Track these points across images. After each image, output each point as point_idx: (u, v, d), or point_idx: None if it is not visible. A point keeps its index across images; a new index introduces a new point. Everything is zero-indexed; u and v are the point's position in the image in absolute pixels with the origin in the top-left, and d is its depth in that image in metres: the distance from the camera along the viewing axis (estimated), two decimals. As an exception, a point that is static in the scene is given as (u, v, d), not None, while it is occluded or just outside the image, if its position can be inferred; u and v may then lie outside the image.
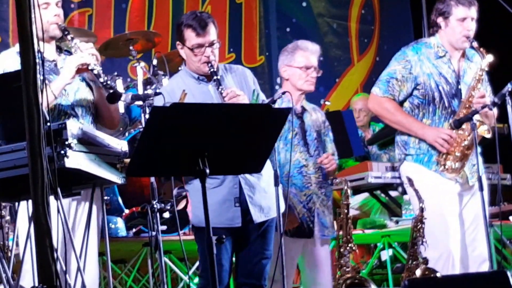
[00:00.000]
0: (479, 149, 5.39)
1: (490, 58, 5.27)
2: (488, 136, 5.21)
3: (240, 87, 4.72)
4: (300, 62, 5.39)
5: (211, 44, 4.67)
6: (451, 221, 5.20)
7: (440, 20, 5.34)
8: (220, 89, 4.57)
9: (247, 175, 4.64)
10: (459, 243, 5.21)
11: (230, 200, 4.60)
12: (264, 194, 4.70)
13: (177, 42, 4.79)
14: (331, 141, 5.54)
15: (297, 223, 5.24)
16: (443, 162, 5.24)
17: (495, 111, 5.29)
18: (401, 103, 5.36)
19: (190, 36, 4.67)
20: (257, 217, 4.65)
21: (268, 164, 4.75)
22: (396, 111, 5.32)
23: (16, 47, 4.55)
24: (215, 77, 4.62)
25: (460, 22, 5.27)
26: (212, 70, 4.63)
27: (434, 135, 5.21)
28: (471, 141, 5.19)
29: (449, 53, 5.34)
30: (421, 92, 5.30)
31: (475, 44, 5.26)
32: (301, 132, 5.36)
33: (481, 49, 5.27)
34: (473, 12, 5.29)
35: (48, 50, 4.53)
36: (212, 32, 4.68)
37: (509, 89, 5.16)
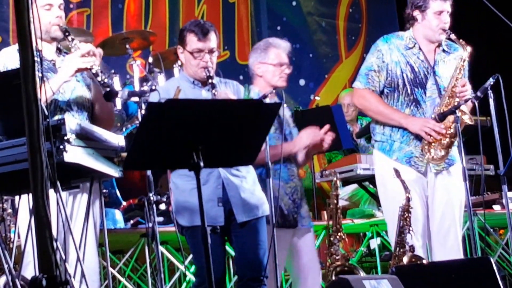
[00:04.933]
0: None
1: (469, 49, 5.34)
2: (472, 123, 5.25)
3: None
4: (274, 59, 5.36)
5: (211, 51, 4.79)
6: (415, 209, 5.24)
7: (416, 13, 5.41)
8: (214, 91, 4.66)
9: (230, 177, 4.72)
10: (425, 230, 5.29)
11: (214, 200, 4.68)
12: (250, 195, 4.78)
13: (178, 47, 4.91)
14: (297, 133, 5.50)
15: None
16: (427, 150, 5.30)
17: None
18: (381, 93, 5.42)
19: (192, 41, 4.80)
20: (241, 217, 4.73)
21: (251, 169, 4.87)
22: (377, 103, 5.39)
23: (17, 45, 4.69)
24: (210, 81, 4.71)
25: (437, 15, 5.35)
26: (208, 74, 4.73)
27: (420, 124, 5.26)
28: (455, 129, 5.22)
29: (419, 45, 5.39)
30: (388, 81, 5.38)
31: (453, 36, 5.32)
32: (279, 126, 5.35)
33: (461, 40, 5.34)
34: (448, 5, 5.37)
35: (48, 51, 4.62)
36: (213, 40, 4.80)
37: (491, 83, 5.24)
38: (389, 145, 5.41)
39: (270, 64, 5.38)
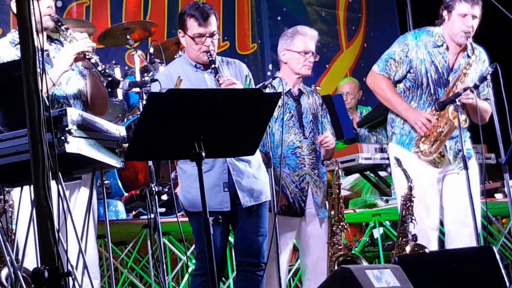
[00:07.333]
0: (468, 134, 5.55)
1: (483, 56, 5.44)
2: (465, 126, 5.36)
3: (235, 78, 4.81)
4: (299, 46, 5.46)
5: (212, 35, 4.80)
6: (431, 201, 5.33)
7: (444, 13, 5.50)
8: (217, 77, 4.67)
9: (236, 162, 4.74)
10: (437, 222, 5.35)
11: (219, 185, 4.71)
12: (254, 180, 4.80)
13: (179, 30, 4.90)
14: (329, 122, 5.63)
15: (284, 200, 5.30)
16: (418, 144, 5.39)
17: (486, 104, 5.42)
18: (397, 83, 5.53)
19: (192, 26, 4.80)
20: (246, 201, 4.75)
21: (257, 152, 4.85)
22: (387, 89, 5.51)
23: (8, 37, 4.65)
24: (213, 66, 4.72)
25: (461, 18, 5.41)
26: (210, 59, 4.74)
27: (415, 117, 5.39)
28: (448, 130, 5.33)
29: (447, 44, 5.46)
30: (412, 76, 5.47)
31: (469, 40, 5.39)
32: (297, 114, 5.43)
33: (473, 45, 5.41)
34: (476, 10, 5.43)
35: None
36: (213, 23, 4.80)
37: (490, 72, 5.32)
38: (408, 139, 5.50)
39: (295, 52, 5.46)
